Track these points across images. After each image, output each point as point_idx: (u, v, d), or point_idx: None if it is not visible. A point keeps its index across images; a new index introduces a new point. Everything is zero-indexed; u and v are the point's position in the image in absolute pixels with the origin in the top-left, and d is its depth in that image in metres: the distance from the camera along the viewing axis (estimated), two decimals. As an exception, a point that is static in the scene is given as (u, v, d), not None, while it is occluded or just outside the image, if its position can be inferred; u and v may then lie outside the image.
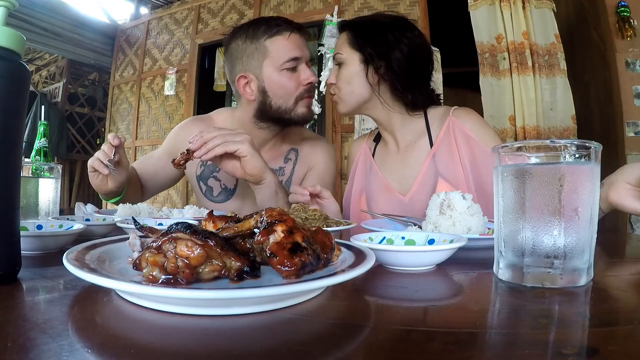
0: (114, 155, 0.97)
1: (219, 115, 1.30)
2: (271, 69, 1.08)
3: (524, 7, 2.13)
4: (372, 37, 1.01)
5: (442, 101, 1.16)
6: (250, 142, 0.93)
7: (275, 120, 1.14)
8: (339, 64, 1.05)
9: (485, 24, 2.21)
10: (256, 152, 0.94)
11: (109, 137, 0.98)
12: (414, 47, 1.00)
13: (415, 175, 1.04)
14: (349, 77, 1.03)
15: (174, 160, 0.90)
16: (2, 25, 0.38)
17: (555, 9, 2.16)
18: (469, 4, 2.26)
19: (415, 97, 1.03)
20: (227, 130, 0.93)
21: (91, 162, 1.00)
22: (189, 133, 1.00)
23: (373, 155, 1.17)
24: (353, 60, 1.02)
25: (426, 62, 1.04)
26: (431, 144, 1.05)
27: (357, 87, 1.02)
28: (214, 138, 0.90)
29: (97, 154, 0.99)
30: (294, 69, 1.09)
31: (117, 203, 1.08)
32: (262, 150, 1.15)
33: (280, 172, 1.23)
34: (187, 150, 0.90)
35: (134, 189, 1.22)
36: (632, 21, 2.17)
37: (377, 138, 1.18)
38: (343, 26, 1.08)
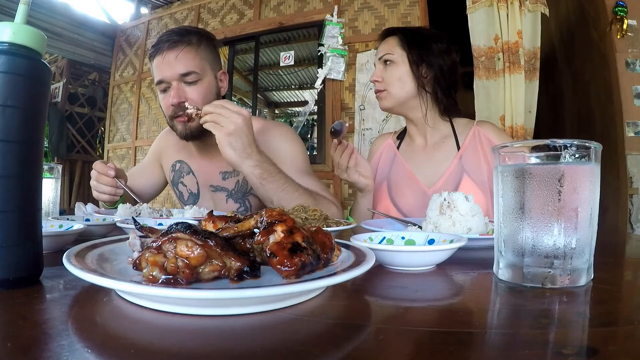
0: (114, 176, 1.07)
1: None
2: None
3: (520, 8, 2.14)
4: (421, 44, 1.15)
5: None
6: (233, 130, 0.89)
7: None
8: (386, 62, 1.17)
9: (483, 26, 2.22)
10: (230, 146, 0.90)
11: (102, 169, 1.07)
12: (452, 61, 1.16)
13: (442, 172, 1.15)
14: (400, 75, 1.15)
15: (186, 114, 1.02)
16: (23, 23, 0.37)
17: (547, 14, 2.18)
18: (468, 7, 2.26)
19: (449, 103, 1.17)
20: (229, 105, 0.92)
21: (102, 197, 1.10)
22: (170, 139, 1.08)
23: (398, 149, 1.27)
24: (404, 61, 1.14)
25: (457, 77, 1.20)
26: (458, 148, 1.17)
27: (407, 85, 1.15)
28: (210, 113, 0.91)
29: (103, 189, 1.08)
30: (164, 91, 1.12)
31: (116, 205, 1.08)
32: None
33: (235, 173, 1.21)
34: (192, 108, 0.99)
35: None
36: (626, 20, 2.17)
37: (400, 136, 1.30)
38: (392, 31, 1.21)
